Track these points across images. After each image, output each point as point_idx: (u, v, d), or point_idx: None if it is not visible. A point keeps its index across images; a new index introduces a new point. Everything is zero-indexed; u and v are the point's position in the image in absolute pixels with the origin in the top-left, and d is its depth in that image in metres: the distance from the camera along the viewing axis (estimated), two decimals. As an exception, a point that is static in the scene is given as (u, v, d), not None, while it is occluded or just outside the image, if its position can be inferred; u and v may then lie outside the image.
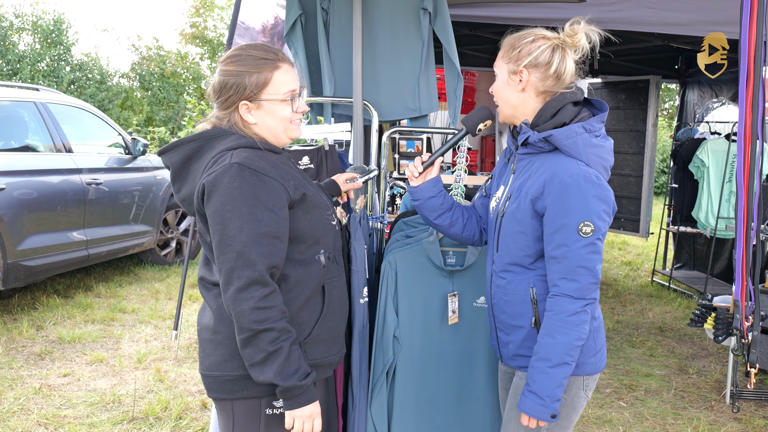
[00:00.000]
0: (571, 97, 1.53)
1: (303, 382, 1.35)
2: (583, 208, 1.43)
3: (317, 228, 1.46)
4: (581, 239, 1.43)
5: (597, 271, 1.46)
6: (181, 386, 3.31)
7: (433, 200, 1.70)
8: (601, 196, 1.45)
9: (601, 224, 1.44)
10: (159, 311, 4.59)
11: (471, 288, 1.95)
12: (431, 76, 2.75)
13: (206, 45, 14.57)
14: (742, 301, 2.16)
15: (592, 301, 1.47)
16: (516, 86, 1.54)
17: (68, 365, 3.57)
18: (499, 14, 3.73)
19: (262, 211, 1.35)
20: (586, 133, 1.49)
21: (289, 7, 2.71)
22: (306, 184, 1.49)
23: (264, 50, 1.48)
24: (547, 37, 1.53)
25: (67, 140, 4.83)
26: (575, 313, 1.44)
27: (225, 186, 1.34)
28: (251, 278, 1.31)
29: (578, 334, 1.45)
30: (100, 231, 4.87)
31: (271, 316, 1.31)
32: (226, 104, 1.47)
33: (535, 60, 1.51)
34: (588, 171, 1.46)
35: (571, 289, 1.45)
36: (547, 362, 1.44)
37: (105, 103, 11.83)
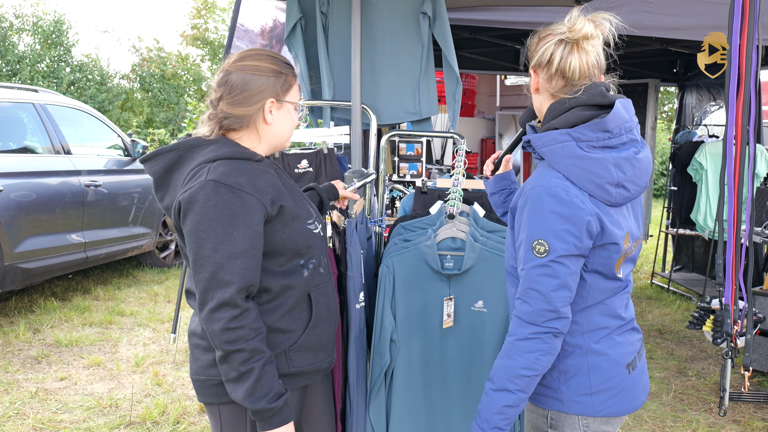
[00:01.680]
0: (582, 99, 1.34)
1: (273, 405, 1.34)
2: (539, 225, 1.28)
3: (297, 240, 1.45)
4: (533, 258, 1.29)
5: (551, 298, 1.28)
6: (179, 390, 3.31)
7: (495, 197, 1.71)
8: (565, 213, 1.27)
9: (558, 245, 1.27)
10: (157, 314, 4.59)
11: (469, 292, 1.94)
12: (431, 80, 2.75)
13: (207, 47, 14.58)
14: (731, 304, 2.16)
15: (551, 330, 1.29)
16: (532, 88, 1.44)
17: (65, 369, 3.56)
18: (498, 18, 3.74)
19: (238, 229, 1.34)
20: (571, 141, 1.30)
21: (289, 11, 2.71)
22: (285, 194, 1.46)
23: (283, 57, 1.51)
24: (554, 32, 1.38)
25: (65, 142, 4.82)
26: (525, 339, 1.29)
27: (200, 204, 1.34)
28: (222, 299, 1.32)
29: (526, 362, 1.29)
30: (98, 233, 4.86)
31: (242, 336, 1.31)
32: (249, 101, 1.43)
33: (539, 59, 1.38)
34: (557, 184, 1.29)
35: (523, 311, 1.31)
36: (490, 383, 1.33)
37: (105, 104, 11.83)
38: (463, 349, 1.96)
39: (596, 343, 1.37)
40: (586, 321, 1.37)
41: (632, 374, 1.40)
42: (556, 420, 1.40)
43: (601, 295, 1.37)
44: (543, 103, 1.41)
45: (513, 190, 1.69)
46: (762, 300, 3.52)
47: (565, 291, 1.29)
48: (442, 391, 1.98)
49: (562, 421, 1.39)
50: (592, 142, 1.31)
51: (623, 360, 1.39)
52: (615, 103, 1.34)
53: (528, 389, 1.31)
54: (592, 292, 1.36)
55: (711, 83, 5.79)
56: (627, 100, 1.38)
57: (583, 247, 1.29)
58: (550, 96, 1.39)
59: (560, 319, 1.30)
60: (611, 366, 1.37)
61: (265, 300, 1.41)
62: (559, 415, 1.39)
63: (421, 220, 2.07)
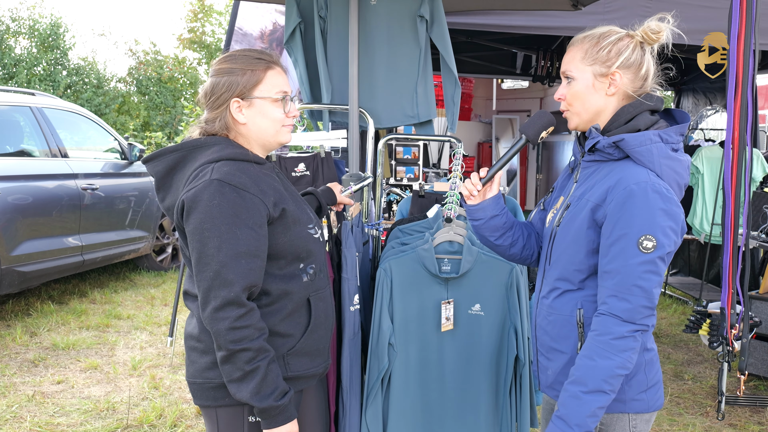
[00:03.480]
0: (650, 104, 1.39)
1: (280, 402, 1.35)
2: (648, 221, 1.28)
3: (298, 244, 1.44)
4: (640, 254, 1.27)
5: (653, 295, 1.29)
6: (176, 393, 3.30)
7: (497, 219, 1.53)
8: (670, 211, 1.29)
9: (665, 241, 1.28)
10: (154, 318, 4.58)
11: (466, 295, 1.95)
12: (429, 83, 2.76)
13: (204, 50, 14.58)
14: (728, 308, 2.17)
15: (643, 328, 1.30)
16: (605, 90, 1.39)
17: (62, 372, 3.55)
18: (496, 22, 3.75)
19: (242, 229, 1.34)
20: (662, 142, 1.34)
21: (288, 15, 2.72)
22: (287, 198, 1.46)
23: (258, 52, 1.49)
24: (631, 35, 1.40)
25: (62, 145, 4.82)
26: (621, 337, 1.28)
27: (204, 203, 1.33)
28: (227, 298, 1.31)
29: (622, 361, 1.28)
30: (95, 236, 4.85)
31: (248, 335, 1.32)
32: (216, 103, 1.45)
33: (627, 60, 1.37)
34: (659, 182, 1.31)
35: (621, 309, 1.28)
36: (581, 386, 1.28)
37: (102, 107, 11.82)
38: (460, 353, 1.96)
39: (648, 340, 1.40)
40: None
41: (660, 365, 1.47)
42: (606, 424, 1.37)
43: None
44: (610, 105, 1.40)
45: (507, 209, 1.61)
46: (758, 304, 3.54)
47: (660, 287, 1.32)
48: (439, 394, 1.98)
49: (613, 425, 1.37)
50: (674, 144, 1.36)
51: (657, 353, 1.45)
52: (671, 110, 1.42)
53: (618, 388, 1.31)
54: None
55: (707, 87, 5.83)
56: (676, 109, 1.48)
57: (678, 244, 1.34)
58: (623, 98, 1.40)
59: (653, 315, 1.32)
60: (656, 359, 1.42)
61: (264, 303, 1.41)
62: (611, 417, 1.37)
63: (419, 223, 2.07)
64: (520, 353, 1.93)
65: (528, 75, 5.76)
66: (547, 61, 5.33)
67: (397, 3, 2.65)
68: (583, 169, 1.45)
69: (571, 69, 1.42)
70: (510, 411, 1.96)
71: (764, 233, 3.17)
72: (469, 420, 1.97)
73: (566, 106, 1.45)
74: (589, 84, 1.40)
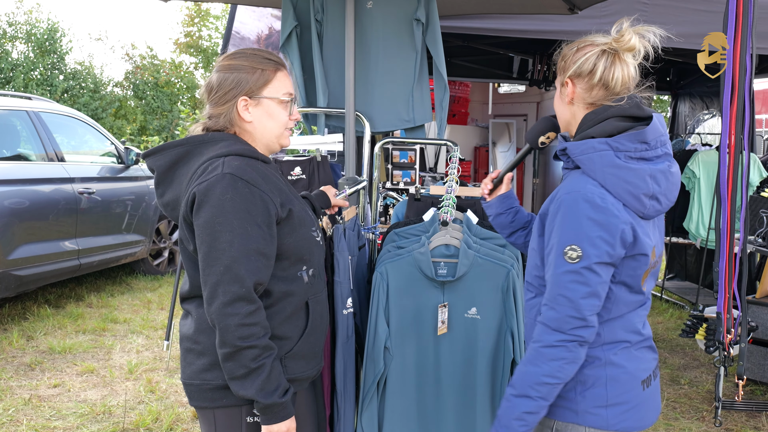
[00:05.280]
0: (617, 110, 1.34)
1: (283, 399, 1.35)
2: (573, 230, 1.27)
3: (302, 246, 1.44)
4: (565, 264, 1.27)
5: (580, 306, 1.27)
6: (173, 397, 3.29)
7: (502, 217, 1.62)
8: (600, 220, 1.26)
9: (592, 252, 1.26)
10: (151, 321, 4.56)
11: (462, 299, 1.95)
12: (425, 87, 2.77)
13: (200, 54, 14.59)
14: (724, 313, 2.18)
15: (576, 339, 1.28)
16: (564, 98, 1.42)
17: (58, 376, 3.53)
18: (492, 26, 3.76)
19: (252, 227, 1.33)
20: (609, 150, 1.30)
21: (284, 19, 2.73)
22: (293, 199, 1.46)
23: (267, 53, 1.48)
24: (596, 43, 1.38)
25: (59, 149, 4.81)
26: (550, 346, 1.28)
27: (217, 197, 1.32)
28: (238, 294, 1.30)
29: (549, 369, 1.28)
30: (92, 240, 4.85)
31: (255, 332, 1.31)
32: (223, 100, 1.43)
33: (579, 69, 1.37)
34: (593, 191, 1.28)
35: (549, 318, 1.30)
36: (512, 389, 1.32)
37: (98, 111, 11.82)
38: (456, 356, 1.96)
39: (615, 355, 1.35)
40: (607, 333, 1.36)
41: (646, 391, 1.39)
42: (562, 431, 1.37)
43: (624, 308, 1.36)
44: (576, 114, 1.40)
45: (519, 209, 1.65)
46: (755, 308, 3.54)
47: (594, 299, 1.28)
48: (435, 398, 1.98)
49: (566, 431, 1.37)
50: (630, 152, 1.31)
51: (639, 375, 1.38)
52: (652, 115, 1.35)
53: (549, 397, 1.30)
54: (616, 305, 1.35)
55: (704, 92, 5.85)
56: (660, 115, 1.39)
57: (616, 255, 1.28)
58: (585, 106, 1.39)
59: (587, 327, 1.28)
60: (628, 380, 1.36)
61: (265, 305, 1.40)
62: (566, 426, 1.37)
63: (415, 227, 2.08)
64: (516, 357, 1.93)
65: (524, 79, 5.77)
66: (543, 65, 5.34)
67: (393, 6, 2.67)
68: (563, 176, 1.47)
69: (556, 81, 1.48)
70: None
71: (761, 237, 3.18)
72: (466, 423, 1.97)
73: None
74: (558, 94, 1.44)
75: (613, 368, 1.35)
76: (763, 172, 4.66)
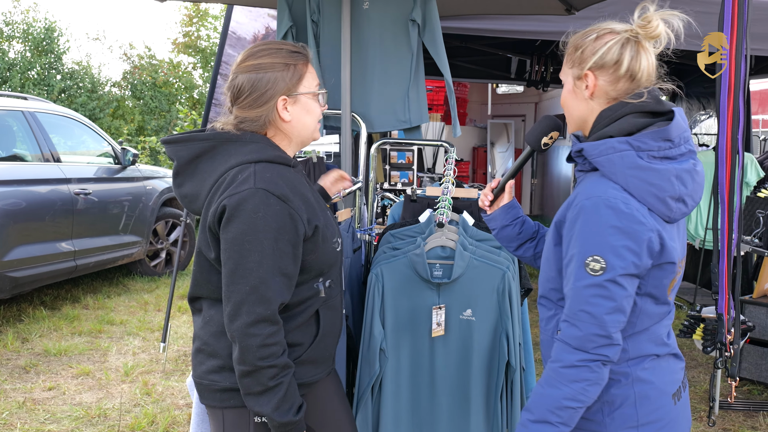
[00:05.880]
0: (637, 105, 1.23)
1: (297, 418, 1.33)
2: (595, 240, 1.16)
3: (323, 260, 1.40)
4: (587, 277, 1.17)
5: (605, 322, 1.16)
6: (169, 399, 3.27)
7: (508, 229, 1.50)
8: (625, 228, 1.15)
9: (617, 263, 1.15)
10: (147, 323, 4.55)
11: (457, 300, 1.94)
12: (421, 88, 2.76)
13: (199, 54, 14.57)
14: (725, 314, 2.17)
15: (600, 358, 1.17)
16: (582, 93, 1.28)
17: (53, 378, 3.52)
18: (489, 27, 3.76)
19: (282, 247, 1.29)
20: (631, 150, 1.19)
21: (280, 19, 2.72)
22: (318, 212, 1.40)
23: (292, 45, 1.42)
24: (616, 30, 1.25)
25: (55, 150, 4.80)
26: (572, 366, 1.17)
27: (248, 214, 1.27)
28: (263, 315, 1.28)
29: (571, 392, 1.17)
30: (88, 241, 4.83)
31: (275, 352, 1.29)
32: (259, 102, 1.35)
33: (601, 60, 1.24)
34: (616, 196, 1.17)
35: (570, 336, 1.19)
36: (529, 414, 1.21)
37: (96, 112, 11.78)
38: (451, 358, 1.95)
39: (643, 371, 1.25)
40: (633, 348, 1.26)
41: (677, 405, 1.29)
42: None
43: (649, 321, 1.26)
44: (594, 110, 1.27)
45: (525, 219, 1.54)
46: (752, 308, 3.54)
47: (619, 315, 1.18)
48: (430, 400, 1.97)
49: None
50: (653, 151, 1.20)
51: (669, 389, 1.28)
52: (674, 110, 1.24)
53: (571, 422, 1.19)
54: (641, 318, 1.25)
55: (701, 92, 5.85)
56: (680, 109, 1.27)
57: (642, 266, 1.18)
58: (607, 101, 1.26)
59: (612, 346, 1.18)
60: (658, 396, 1.25)
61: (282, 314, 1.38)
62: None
63: (411, 228, 2.07)
64: (511, 359, 1.92)
65: (522, 80, 5.77)
66: (541, 66, 5.34)
67: (389, 7, 2.66)
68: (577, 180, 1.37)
69: (561, 74, 1.35)
70: (501, 417, 1.95)
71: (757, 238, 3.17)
72: (461, 426, 1.96)
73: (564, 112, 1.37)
74: (570, 89, 1.31)
75: (642, 385, 1.24)
76: (760, 172, 4.66)
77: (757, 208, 4.13)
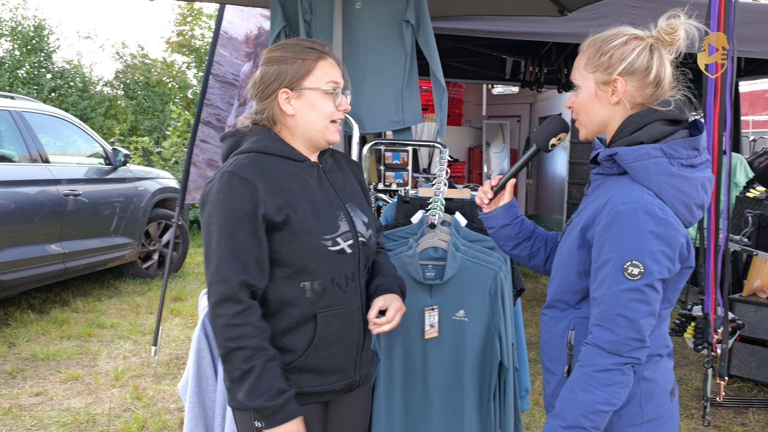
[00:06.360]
0: (665, 113, 1.26)
1: (272, 403, 1.29)
2: (635, 244, 1.17)
3: (305, 255, 1.35)
4: (625, 281, 1.18)
5: (640, 326, 1.18)
6: (160, 404, 3.24)
7: (508, 229, 1.50)
8: (662, 234, 1.18)
9: (654, 268, 1.18)
10: (139, 326, 4.51)
11: (450, 301, 1.92)
12: (414, 88, 2.74)
13: (193, 53, 14.49)
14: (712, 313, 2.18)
15: (632, 362, 1.20)
16: (608, 99, 1.29)
17: (41, 384, 3.47)
18: (483, 27, 3.76)
19: (243, 224, 1.30)
20: (663, 157, 1.22)
21: (273, 19, 2.70)
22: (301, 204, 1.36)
23: (311, 41, 1.43)
24: (640, 36, 1.28)
25: (43, 150, 4.75)
26: (606, 371, 1.19)
27: (213, 196, 1.32)
28: (224, 294, 1.29)
29: (605, 396, 1.18)
30: (78, 244, 4.78)
31: (245, 333, 1.28)
32: (265, 94, 1.40)
33: (631, 66, 1.25)
34: (653, 201, 1.19)
35: (605, 340, 1.19)
36: (560, 420, 1.21)
37: (87, 111, 11.69)
38: (444, 359, 1.94)
39: (647, 370, 1.28)
40: None
41: (673, 401, 1.34)
42: None
43: (659, 323, 1.30)
44: (617, 115, 1.29)
45: (524, 219, 1.54)
46: (742, 307, 3.55)
47: (652, 319, 1.21)
48: (423, 401, 1.96)
49: None
50: (683, 159, 1.23)
51: (668, 387, 1.32)
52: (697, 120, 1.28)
53: (602, 425, 1.20)
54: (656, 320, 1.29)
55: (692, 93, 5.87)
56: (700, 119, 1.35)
57: (674, 270, 1.22)
58: (632, 107, 1.29)
59: (644, 348, 1.21)
60: (660, 393, 1.30)
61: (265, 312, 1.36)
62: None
63: (403, 229, 2.05)
64: (504, 359, 1.91)
65: (517, 81, 5.77)
66: (535, 66, 5.34)
67: (382, 8, 2.64)
68: (592, 182, 1.38)
69: (576, 77, 1.34)
70: (494, 417, 1.94)
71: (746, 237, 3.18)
72: (454, 426, 1.95)
73: (575, 116, 1.36)
74: (591, 93, 1.31)
75: (647, 384, 1.28)
76: (749, 172, 4.68)
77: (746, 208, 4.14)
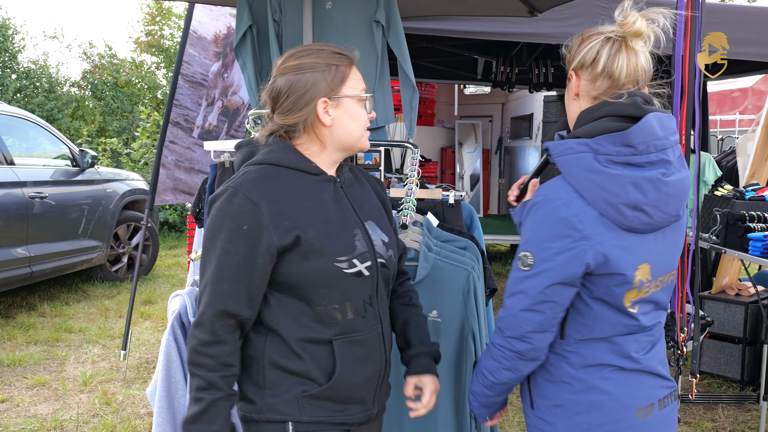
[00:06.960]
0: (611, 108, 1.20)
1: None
2: (531, 236, 1.21)
3: (316, 277, 1.24)
4: (518, 269, 1.23)
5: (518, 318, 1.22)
6: (129, 409, 3.17)
7: None
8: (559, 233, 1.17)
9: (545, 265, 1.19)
10: (108, 330, 4.41)
11: (423, 302, 1.90)
12: (386, 88, 2.74)
13: (162, 54, 14.25)
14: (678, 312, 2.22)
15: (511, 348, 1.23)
16: (571, 93, 1.30)
17: (6, 390, 3.37)
18: (453, 28, 3.78)
19: (237, 248, 1.20)
20: (589, 152, 1.17)
21: (239, 18, 2.66)
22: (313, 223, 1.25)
23: (334, 47, 1.33)
24: (601, 31, 1.25)
25: (7, 152, 4.61)
26: (495, 345, 1.28)
27: (215, 210, 1.24)
28: (200, 319, 1.22)
29: (490, 365, 1.30)
30: (45, 247, 4.66)
31: (205, 364, 1.21)
32: (298, 105, 1.26)
33: (582, 59, 1.25)
34: (560, 198, 1.18)
35: (500, 316, 1.26)
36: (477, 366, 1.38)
37: (54, 112, 11.41)
38: (418, 361, 1.93)
39: (600, 380, 1.23)
40: (590, 354, 1.24)
41: (643, 421, 1.24)
42: None
43: (609, 329, 1.23)
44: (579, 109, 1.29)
45: None
46: (711, 304, 3.64)
47: (535, 315, 1.19)
48: (396, 401, 1.95)
49: None
50: (612, 156, 1.17)
51: (634, 403, 1.24)
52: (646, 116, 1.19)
53: (487, 384, 1.32)
54: (598, 323, 1.23)
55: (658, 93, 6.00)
56: (668, 116, 1.23)
57: (570, 274, 1.17)
58: (590, 100, 1.26)
59: (522, 342, 1.21)
60: (617, 407, 1.23)
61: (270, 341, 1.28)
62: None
63: (376, 230, 2.04)
64: (478, 359, 1.92)
65: (489, 81, 5.82)
66: (506, 66, 5.39)
67: (352, 8, 2.63)
68: None
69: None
70: (470, 418, 1.95)
71: (714, 235, 3.27)
72: (428, 427, 1.95)
73: None
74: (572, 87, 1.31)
75: (598, 394, 1.23)
76: (717, 171, 4.80)
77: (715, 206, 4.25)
